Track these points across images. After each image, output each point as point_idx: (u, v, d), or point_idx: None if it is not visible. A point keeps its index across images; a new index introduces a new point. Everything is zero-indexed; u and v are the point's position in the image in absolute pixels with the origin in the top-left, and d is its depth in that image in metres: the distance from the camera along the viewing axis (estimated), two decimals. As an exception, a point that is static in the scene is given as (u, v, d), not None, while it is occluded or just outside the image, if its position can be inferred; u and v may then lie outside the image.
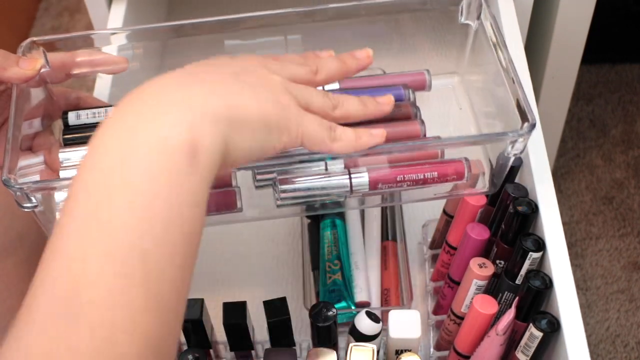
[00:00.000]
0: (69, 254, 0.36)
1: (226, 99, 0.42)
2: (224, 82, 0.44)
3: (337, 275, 0.67)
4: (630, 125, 1.22)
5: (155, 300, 0.36)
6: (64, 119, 0.58)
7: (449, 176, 0.53)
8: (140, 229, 0.36)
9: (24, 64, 0.54)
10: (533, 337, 0.51)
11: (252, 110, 0.43)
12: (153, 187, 0.37)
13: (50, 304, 0.35)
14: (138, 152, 0.38)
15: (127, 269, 0.35)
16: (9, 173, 0.49)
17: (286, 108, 0.45)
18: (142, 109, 0.40)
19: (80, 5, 1.43)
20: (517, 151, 0.52)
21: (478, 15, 0.59)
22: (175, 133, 0.39)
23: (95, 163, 0.38)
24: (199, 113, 0.40)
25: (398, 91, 0.58)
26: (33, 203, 0.50)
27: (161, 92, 0.41)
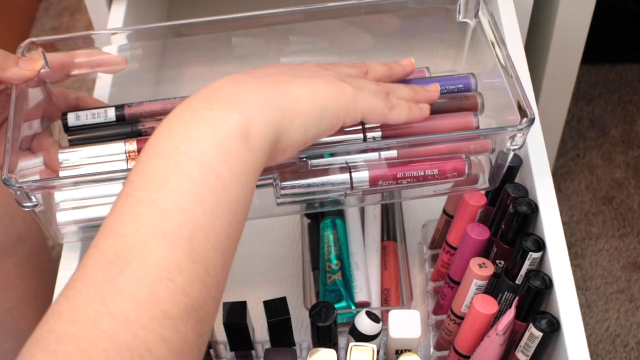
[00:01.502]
0: (120, 231, 0.38)
1: (278, 88, 0.45)
2: (277, 75, 0.46)
3: (337, 275, 0.67)
4: (630, 125, 1.22)
5: (200, 270, 0.38)
6: (63, 120, 0.58)
7: (449, 173, 0.53)
8: (191, 211, 0.38)
9: (24, 64, 0.55)
10: (533, 337, 0.51)
11: (304, 97, 0.45)
12: (203, 172, 0.40)
13: (98, 264, 0.37)
14: (191, 139, 0.41)
15: (175, 242, 0.37)
16: (9, 173, 0.49)
17: (341, 89, 0.47)
18: (197, 105, 0.43)
19: (80, 5, 1.43)
20: (517, 146, 0.52)
21: (476, 13, 0.59)
22: (228, 119, 0.41)
23: (152, 152, 0.41)
24: (251, 101, 0.43)
25: (466, 80, 0.58)
26: (33, 202, 0.50)
27: (216, 90, 0.44)
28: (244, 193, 0.41)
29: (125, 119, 0.58)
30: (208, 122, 0.41)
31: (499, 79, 0.54)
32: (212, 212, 0.39)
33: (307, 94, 0.45)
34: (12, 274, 0.75)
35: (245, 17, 0.60)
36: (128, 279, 0.36)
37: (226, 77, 0.45)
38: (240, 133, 0.41)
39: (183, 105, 0.43)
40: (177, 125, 0.42)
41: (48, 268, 0.84)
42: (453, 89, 0.57)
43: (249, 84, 0.45)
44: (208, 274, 0.38)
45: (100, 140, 0.56)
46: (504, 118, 0.54)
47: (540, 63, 0.91)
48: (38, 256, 0.81)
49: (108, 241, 0.37)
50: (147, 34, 0.62)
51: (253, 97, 0.43)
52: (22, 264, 0.76)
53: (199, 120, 0.41)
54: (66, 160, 0.55)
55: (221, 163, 0.40)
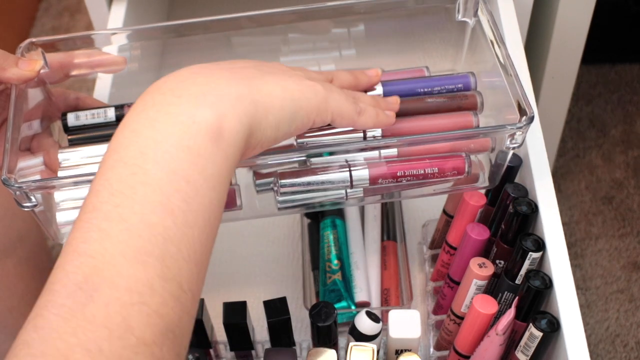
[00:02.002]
0: (87, 251, 0.35)
1: (250, 83, 0.43)
2: (246, 70, 0.44)
3: (337, 275, 0.67)
4: (630, 126, 1.22)
5: (173, 288, 0.36)
6: (63, 120, 0.58)
7: (449, 171, 0.53)
8: (161, 224, 0.36)
9: (23, 64, 0.54)
10: (533, 337, 0.51)
11: (277, 93, 0.43)
12: (173, 179, 0.37)
13: (66, 289, 0.34)
14: (158, 142, 0.38)
15: (146, 261, 0.35)
16: (8, 173, 0.49)
17: (312, 87, 0.46)
18: (162, 99, 0.40)
19: (80, 5, 1.43)
20: (516, 144, 0.52)
21: (475, 12, 0.59)
22: (198, 116, 0.39)
23: (116, 157, 0.38)
24: (223, 94, 0.40)
25: (466, 79, 0.58)
26: (33, 202, 0.50)
27: (182, 80, 0.41)
28: (217, 197, 0.39)
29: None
30: (176, 121, 0.38)
31: (499, 78, 0.54)
32: (184, 223, 0.37)
33: (279, 90, 0.44)
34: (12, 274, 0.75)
35: (244, 16, 0.60)
36: (99, 306, 0.34)
37: (192, 66, 0.43)
38: (212, 131, 0.39)
39: (146, 99, 0.40)
40: (142, 126, 0.39)
41: (48, 268, 0.84)
42: (452, 88, 0.57)
43: (218, 75, 0.42)
44: (182, 290, 0.36)
45: (100, 140, 0.56)
46: (504, 117, 0.54)
47: (540, 63, 0.91)
48: (38, 256, 0.81)
49: (75, 262, 0.35)
50: (147, 33, 0.62)
51: (224, 89, 0.41)
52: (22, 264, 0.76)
53: (165, 118, 0.38)
54: (66, 160, 0.55)
55: (192, 167, 0.38)
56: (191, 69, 0.43)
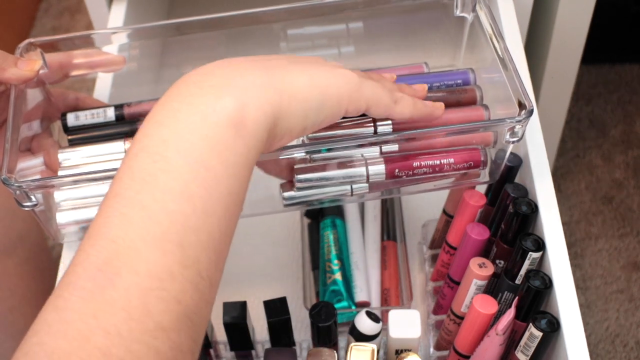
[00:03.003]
0: (108, 235, 0.36)
1: (274, 72, 0.42)
2: (274, 61, 0.44)
3: (337, 275, 0.67)
4: (630, 126, 1.22)
5: (192, 275, 0.37)
6: (62, 120, 0.58)
7: (466, 163, 0.53)
8: (180, 211, 0.37)
9: (23, 64, 0.54)
10: (533, 337, 0.51)
11: (303, 81, 0.43)
12: (193, 167, 0.38)
13: (87, 272, 0.35)
14: (179, 130, 0.38)
15: (165, 248, 0.36)
16: (8, 173, 0.49)
17: (344, 76, 0.45)
18: (186, 91, 0.40)
19: (80, 5, 1.43)
20: (516, 138, 0.52)
21: (473, 7, 0.60)
22: (219, 106, 0.39)
23: (140, 147, 0.39)
24: (245, 84, 0.40)
25: (464, 75, 0.58)
26: (33, 202, 0.50)
27: (207, 73, 0.41)
28: (237, 185, 0.39)
29: (124, 119, 0.58)
30: (197, 111, 0.39)
31: (498, 73, 0.54)
32: (203, 211, 0.37)
33: (305, 78, 0.43)
34: (13, 273, 0.75)
35: (242, 14, 0.60)
36: (119, 290, 0.34)
37: (219, 60, 0.43)
38: (233, 121, 0.39)
39: (172, 91, 0.41)
40: (165, 116, 0.39)
41: (48, 268, 0.84)
42: (452, 84, 0.57)
43: (244, 67, 0.42)
44: (201, 278, 0.37)
45: (100, 139, 0.56)
46: (504, 112, 0.54)
47: (540, 63, 0.91)
48: (38, 256, 0.81)
49: (96, 246, 0.36)
50: (146, 33, 0.62)
51: (247, 79, 0.41)
52: (22, 263, 0.76)
53: (187, 108, 0.39)
54: (66, 160, 0.55)
55: (212, 155, 0.38)
56: (219, 62, 0.43)
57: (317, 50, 0.67)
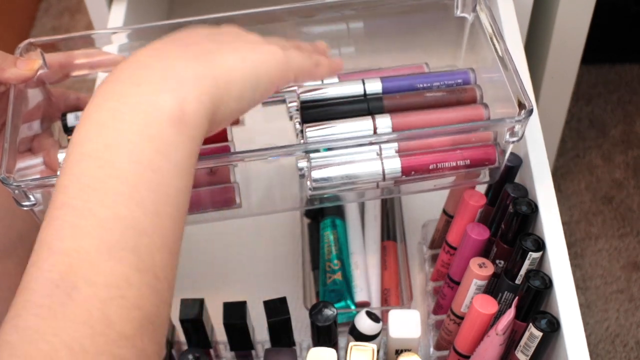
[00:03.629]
0: (61, 248, 0.35)
1: (207, 59, 0.42)
2: (201, 43, 0.44)
3: (337, 275, 0.67)
4: (630, 126, 1.22)
5: (149, 279, 0.36)
6: (63, 120, 0.58)
7: (481, 162, 0.53)
8: (131, 216, 0.36)
9: (22, 64, 0.54)
10: (533, 337, 0.51)
11: (237, 65, 0.43)
12: (139, 169, 0.37)
13: (44, 288, 0.34)
14: (122, 133, 0.38)
15: (120, 255, 0.35)
16: (7, 172, 0.49)
17: (270, 52, 0.45)
18: (122, 89, 0.40)
19: (80, 5, 1.43)
20: (516, 138, 0.52)
21: (474, 8, 0.60)
22: (160, 102, 0.39)
23: (82, 151, 0.38)
24: (182, 77, 0.40)
25: (465, 75, 0.58)
26: (32, 201, 0.50)
27: (139, 67, 0.41)
28: (185, 181, 0.39)
29: None
30: (138, 110, 0.38)
31: (498, 73, 0.54)
32: (154, 213, 0.37)
33: (238, 61, 0.43)
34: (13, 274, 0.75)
35: (242, 14, 0.60)
36: (78, 303, 0.34)
37: (147, 48, 0.42)
38: (174, 116, 0.38)
39: (107, 88, 0.40)
40: (105, 117, 0.38)
41: (48, 268, 0.84)
42: (452, 84, 0.57)
43: (175, 56, 0.41)
44: (158, 280, 0.37)
45: None
46: (504, 112, 0.54)
47: (540, 63, 0.91)
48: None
49: (49, 260, 0.35)
50: (146, 33, 0.62)
51: (182, 71, 0.40)
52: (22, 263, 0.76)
53: (127, 108, 0.38)
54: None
55: (157, 155, 0.37)
56: (146, 51, 0.42)
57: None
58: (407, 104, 0.56)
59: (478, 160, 0.53)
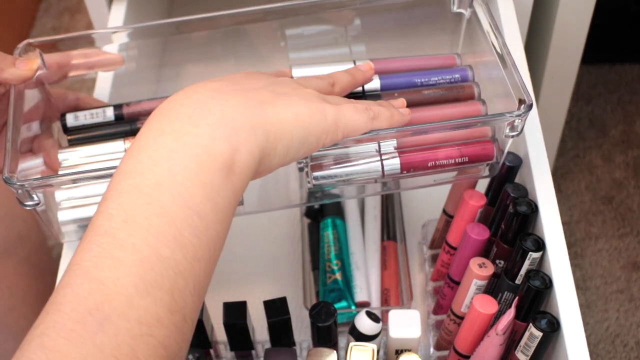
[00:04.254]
0: (99, 277, 0.36)
1: (263, 110, 0.43)
2: (258, 91, 0.44)
3: (337, 275, 0.67)
4: (630, 126, 1.22)
5: (178, 320, 0.37)
6: (62, 121, 0.58)
7: (480, 158, 0.53)
8: (173, 258, 0.37)
9: (21, 64, 0.54)
10: (533, 337, 0.51)
11: (288, 121, 0.43)
12: (187, 214, 0.38)
13: (76, 313, 0.35)
14: (175, 174, 0.38)
15: (157, 294, 0.36)
16: (10, 172, 0.50)
17: (322, 111, 0.46)
18: (180, 127, 0.40)
19: (80, 5, 1.43)
20: (515, 132, 0.52)
21: (470, 3, 0.60)
22: (215, 150, 0.39)
23: (132, 183, 0.38)
24: (238, 125, 0.41)
25: (463, 72, 0.58)
26: (35, 201, 0.50)
27: (199, 107, 0.41)
28: (224, 228, 0.40)
29: (124, 119, 0.58)
30: (193, 154, 0.39)
31: (497, 69, 0.54)
32: (193, 257, 0.38)
33: (290, 117, 0.44)
34: (13, 273, 0.75)
35: (242, 12, 0.60)
36: (109, 335, 0.34)
37: (208, 87, 0.43)
38: (226, 165, 0.39)
39: (162, 123, 0.41)
40: (159, 154, 0.39)
41: (48, 268, 0.85)
42: (450, 79, 0.57)
43: (233, 101, 0.42)
44: (185, 321, 0.37)
45: (100, 139, 0.56)
46: (503, 107, 0.54)
47: (540, 63, 0.91)
48: (38, 256, 0.81)
49: (85, 287, 0.35)
50: (146, 32, 0.63)
51: (239, 119, 0.41)
52: (22, 263, 0.76)
53: (182, 149, 0.39)
54: (65, 160, 0.55)
55: (205, 202, 0.38)
56: (206, 91, 0.43)
57: (316, 49, 0.67)
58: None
59: (476, 157, 0.54)
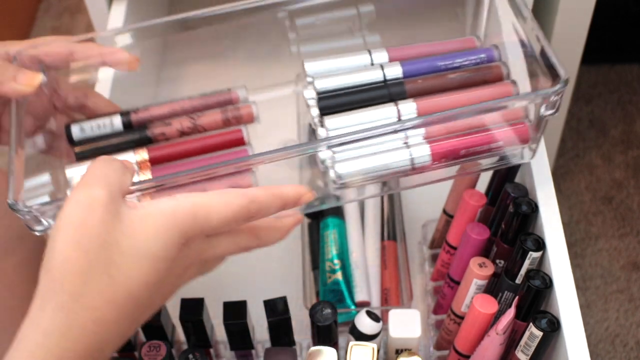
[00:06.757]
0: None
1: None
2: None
3: (337, 275, 0.67)
4: (630, 126, 1.22)
5: None
6: (67, 133, 0.56)
7: (515, 141, 0.51)
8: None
9: (22, 78, 0.51)
10: (533, 337, 0.51)
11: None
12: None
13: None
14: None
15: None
16: (14, 197, 0.46)
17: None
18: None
19: (80, 5, 1.43)
20: (552, 110, 0.50)
21: None
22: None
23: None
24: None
25: (489, 52, 0.56)
26: (45, 226, 0.47)
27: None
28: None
29: (132, 126, 0.57)
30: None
31: (516, 49, 0.52)
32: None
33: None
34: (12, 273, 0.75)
35: (243, 8, 0.58)
36: None
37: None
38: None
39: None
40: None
41: (48, 268, 0.84)
42: (475, 60, 0.55)
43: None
44: None
45: (109, 151, 0.54)
46: (529, 89, 0.52)
47: (540, 63, 0.91)
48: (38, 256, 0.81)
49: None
50: (146, 32, 0.62)
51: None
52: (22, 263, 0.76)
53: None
54: (75, 177, 0.52)
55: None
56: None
57: (329, 39, 0.64)
58: (430, 87, 0.53)
59: (511, 140, 0.51)
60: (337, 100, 0.54)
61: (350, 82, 0.55)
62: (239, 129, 0.55)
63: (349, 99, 0.54)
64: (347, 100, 0.54)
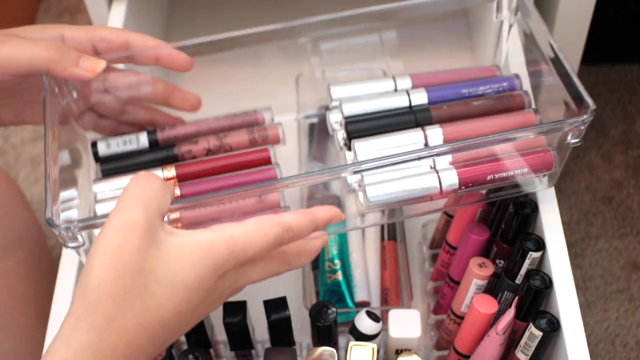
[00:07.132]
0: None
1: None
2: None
3: (337, 275, 0.67)
4: (630, 126, 1.22)
5: None
6: (93, 150, 0.56)
7: (539, 168, 0.52)
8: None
9: (86, 64, 0.51)
10: (533, 337, 0.51)
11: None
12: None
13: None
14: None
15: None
16: (52, 213, 0.46)
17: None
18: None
19: (80, 5, 1.43)
20: (577, 140, 0.51)
21: (516, 11, 0.58)
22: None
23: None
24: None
25: (510, 81, 0.57)
26: (79, 242, 0.47)
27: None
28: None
29: (158, 144, 0.57)
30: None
31: (538, 77, 0.53)
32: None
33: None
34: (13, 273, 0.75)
35: (267, 30, 0.57)
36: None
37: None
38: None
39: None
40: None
41: (48, 268, 0.84)
42: (498, 88, 0.56)
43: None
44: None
45: (135, 168, 0.54)
46: (552, 116, 0.53)
47: (540, 63, 0.91)
48: (38, 256, 0.81)
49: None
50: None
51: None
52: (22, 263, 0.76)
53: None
54: (101, 192, 0.53)
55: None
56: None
57: (355, 62, 0.65)
58: (455, 114, 0.55)
59: (536, 167, 0.52)
60: (364, 124, 0.55)
61: (377, 107, 0.56)
62: (266, 148, 0.56)
63: (376, 124, 0.55)
64: (374, 125, 0.55)
